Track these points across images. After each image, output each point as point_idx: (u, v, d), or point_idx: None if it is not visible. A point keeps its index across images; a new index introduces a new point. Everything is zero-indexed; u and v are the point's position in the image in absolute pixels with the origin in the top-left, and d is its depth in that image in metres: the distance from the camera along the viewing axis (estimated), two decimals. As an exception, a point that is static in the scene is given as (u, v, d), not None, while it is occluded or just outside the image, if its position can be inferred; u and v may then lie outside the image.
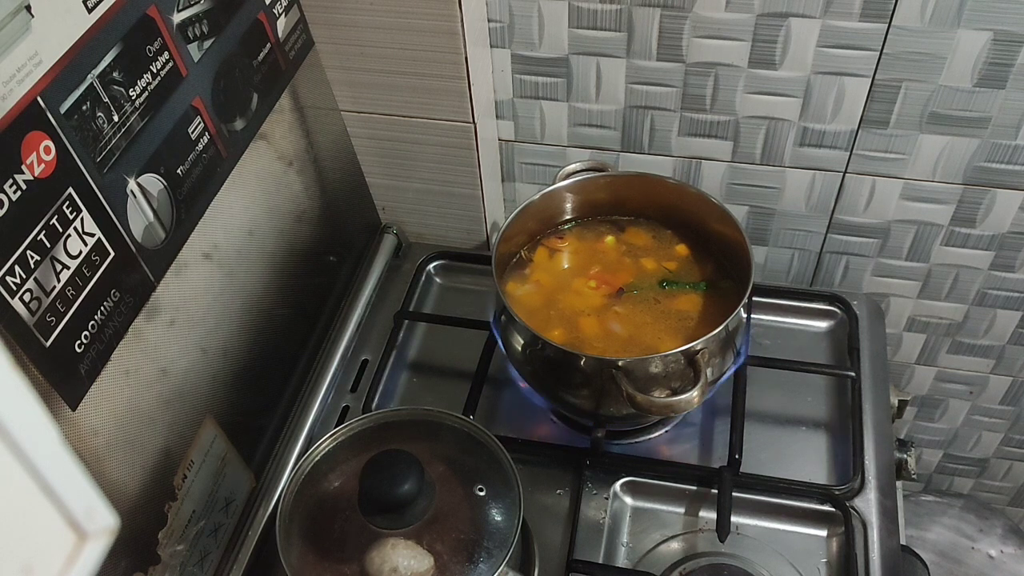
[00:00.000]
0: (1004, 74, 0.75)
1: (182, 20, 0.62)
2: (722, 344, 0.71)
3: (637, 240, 0.83)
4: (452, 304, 0.95)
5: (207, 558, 0.72)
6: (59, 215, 0.52)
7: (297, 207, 0.82)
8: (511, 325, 0.74)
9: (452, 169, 0.90)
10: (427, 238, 1.00)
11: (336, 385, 0.87)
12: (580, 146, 0.91)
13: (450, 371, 0.88)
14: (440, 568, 0.59)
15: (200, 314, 0.68)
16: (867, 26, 0.74)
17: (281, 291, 0.81)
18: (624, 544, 0.75)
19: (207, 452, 0.70)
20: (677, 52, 0.80)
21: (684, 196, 0.80)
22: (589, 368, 0.70)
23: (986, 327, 0.98)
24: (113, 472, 0.59)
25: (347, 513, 0.62)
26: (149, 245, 0.61)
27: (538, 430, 0.82)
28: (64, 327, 0.53)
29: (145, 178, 0.60)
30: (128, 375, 0.60)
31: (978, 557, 1.15)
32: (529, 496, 0.75)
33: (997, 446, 1.15)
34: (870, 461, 0.77)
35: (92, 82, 0.54)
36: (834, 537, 0.74)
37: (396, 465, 0.60)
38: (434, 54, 0.79)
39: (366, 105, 0.87)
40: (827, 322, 0.89)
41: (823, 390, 0.83)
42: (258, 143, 0.74)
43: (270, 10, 0.73)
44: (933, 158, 0.83)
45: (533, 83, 0.86)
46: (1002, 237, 0.88)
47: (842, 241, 0.93)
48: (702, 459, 0.79)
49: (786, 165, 0.87)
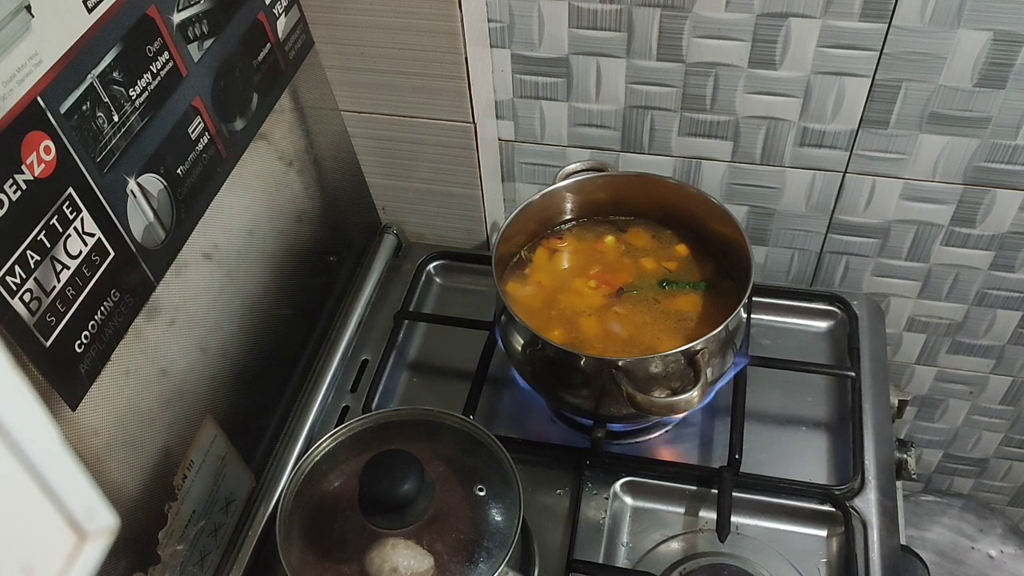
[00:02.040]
0: (1004, 74, 0.75)
1: (182, 20, 0.62)
2: (722, 344, 0.71)
3: (637, 240, 0.83)
4: (452, 304, 0.95)
5: (207, 558, 0.72)
6: (59, 215, 0.52)
7: (297, 207, 0.82)
8: (511, 325, 0.74)
9: (452, 169, 0.90)
10: (427, 238, 1.00)
11: (336, 385, 0.87)
12: (580, 146, 0.91)
13: (450, 371, 0.88)
14: (440, 568, 0.59)
15: (200, 314, 0.68)
16: (867, 26, 0.74)
17: (281, 291, 0.81)
18: (624, 544, 0.75)
19: (207, 452, 0.70)
20: (677, 52, 0.80)
21: (684, 196, 0.80)
22: (589, 368, 0.70)
23: (986, 327, 0.98)
24: (113, 472, 0.59)
25: (347, 513, 0.62)
26: (149, 245, 0.61)
27: (538, 430, 0.82)
28: (64, 327, 0.53)
29: (145, 178, 0.60)
30: (128, 375, 0.60)
31: (978, 557, 1.15)
32: (529, 496, 0.75)
33: (997, 446, 1.15)
34: (870, 461, 0.77)
35: (92, 82, 0.54)
36: (834, 537, 0.74)
37: (396, 465, 0.60)
38: (434, 54, 0.79)
39: (366, 105, 0.87)
40: (827, 322, 0.89)
41: (823, 390, 0.83)
42: (258, 143, 0.74)
43: (270, 10, 0.73)
44: (933, 158, 0.83)
45: (533, 83, 0.86)
46: (1002, 237, 0.88)
47: (842, 241, 0.93)
48: (702, 459, 0.79)
49: (786, 165, 0.87)
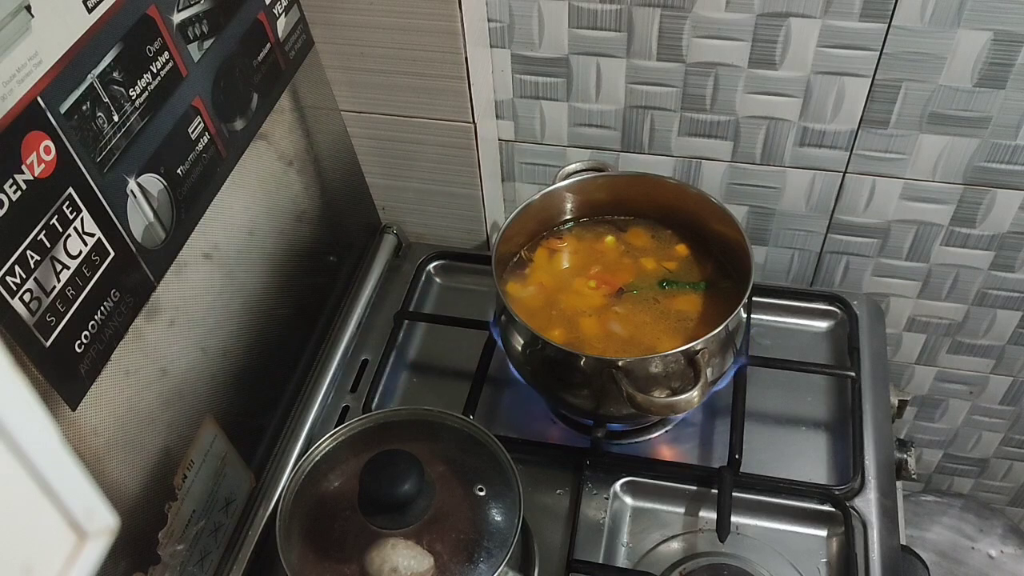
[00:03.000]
0: (1004, 74, 0.75)
1: (182, 20, 0.62)
2: (722, 344, 0.71)
3: (637, 240, 0.83)
4: (452, 304, 0.95)
5: (207, 558, 0.72)
6: (59, 215, 0.52)
7: (297, 207, 0.82)
8: (511, 325, 0.74)
9: (452, 169, 0.90)
10: (427, 238, 1.00)
11: (336, 385, 0.87)
12: (580, 146, 0.91)
13: (450, 371, 0.88)
14: (440, 568, 0.59)
15: (200, 314, 0.68)
16: (867, 26, 0.74)
17: (281, 291, 0.81)
18: (624, 544, 0.75)
19: (207, 452, 0.70)
20: (677, 52, 0.80)
21: (684, 196, 0.80)
22: (589, 368, 0.70)
23: (986, 327, 0.98)
24: (113, 472, 0.59)
25: (347, 513, 0.62)
26: (149, 245, 0.61)
27: (538, 430, 0.82)
28: (64, 327, 0.53)
29: (145, 178, 0.60)
30: (128, 375, 0.60)
31: (978, 557, 1.15)
32: (529, 496, 0.74)
33: (997, 446, 1.15)
34: (870, 461, 0.77)
35: (92, 82, 0.54)
36: (834, 537, 0.74)
37: (396, 465, 0.60)
38: (434, 54, 0.79)
39: (366, 105, 0.87)
40: (827, 322, 0.89)
41: (823, 390, 0.83)
42: (258, 143, 0.74)
43: (270, 10, 0.73)
44: (933, 158, 0.83)
45: (533, 83, 0.86)
46: (1002, 237, 0.88)
47: (842, 241, 0.93)
48: (702, 459, 0.79)
49: (786, 165, 0.87)
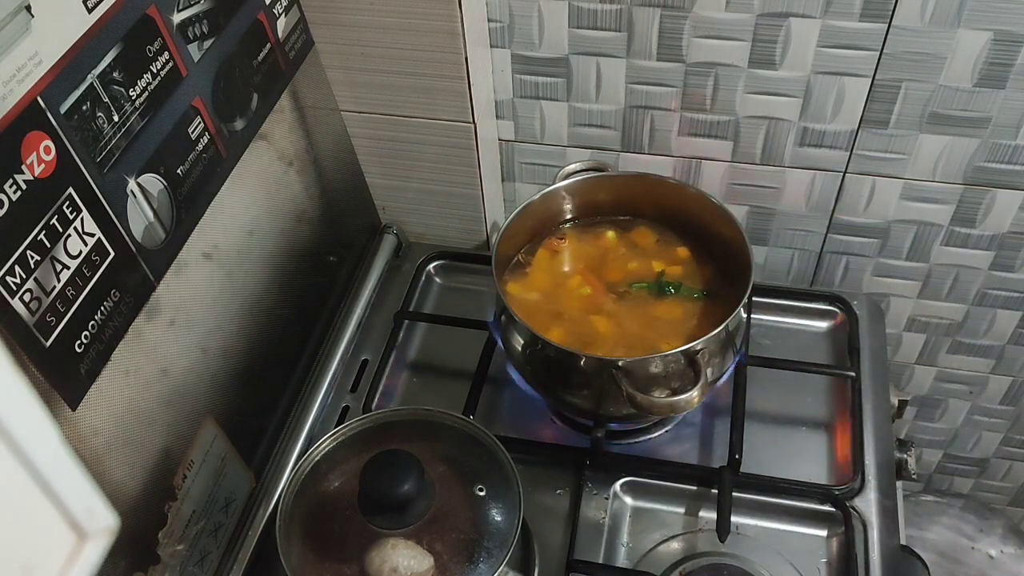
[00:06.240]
0: (1004, 74, 0.75)
1: (182, 20, 0.62)
2: (722, 344, 0.71)
3: (637, 240, 0.83)
4: (452, 304, 0.95)
5: (207, 558, 0.72)
6: (59, 215, 0.52)
7: (297, 207, 0.82)
8: (511, 325, 0.74)
9: (452, 169, 0.90)
10: (427, 238, 1.00)
11: (336, 385, 0.87)
12: (580, 146, 0.91)
13: (450, 371, 0.88)
14: (440, 568, 0.59)
15: (200, 314, 0.68)
16: (867, 26, 0.74)
17: (281, 291, 0.81)
18: (624, 544, 0.75)
19: (207, 452, 0.70)
20: (677, 52, 0.80)
21: (684, 196, 0.80)
22: (589, 368, 0.70)
23: (986, 327, 0.98)
24: (113, 472, 0.59)
25: (347, 513, 0.62)
26: (149, 245, 0.61)
27: (538, 430, 0.82)
28: (64, 327, 0.53)
29: (145, 178, 0.60)
30: (128, 375, 0.60)
31: (978, 557, 1.15)
32: (529, 496, 0.74)
33: (997, 446, 1.15)
34: (870, 461, 0.77)
35: (92, 82, 0.54)
36: (834, 537, 0.74)
37: (396, 465, 0.60)
38: (434, 54, 0.79)
39: (366, 105, 0.87)
40: (827, 322, 0.89)
41: (823, 390, 0.83)
42: (258, 143, 0.74)
43: (270, 10, 0.73)
44: (933, 158, 0.83)
45: (533, 83, 0.86)
46: (1002, 237, 0.88)
47: (842, 241, 0.93)
48: (702, 459, 0.79)
49: (786, 165, 0.87)
